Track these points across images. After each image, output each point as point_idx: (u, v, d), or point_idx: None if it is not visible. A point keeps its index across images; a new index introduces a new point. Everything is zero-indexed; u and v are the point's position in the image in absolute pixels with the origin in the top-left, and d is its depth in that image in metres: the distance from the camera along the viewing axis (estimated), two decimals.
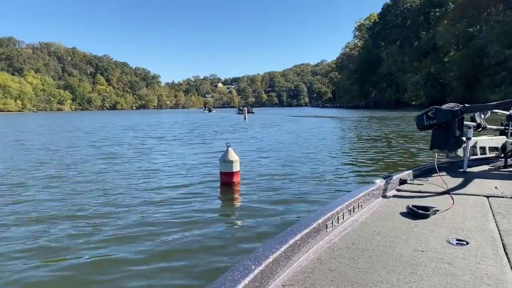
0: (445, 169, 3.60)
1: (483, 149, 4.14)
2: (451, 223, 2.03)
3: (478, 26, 56.87)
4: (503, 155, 4.03)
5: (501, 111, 4.21)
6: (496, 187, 2.87)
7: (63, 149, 13.59)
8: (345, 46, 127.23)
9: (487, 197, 2.60)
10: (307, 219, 1.80)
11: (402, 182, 3.04)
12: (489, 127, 4.01)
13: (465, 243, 1.73)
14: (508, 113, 4.36)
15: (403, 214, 2.21)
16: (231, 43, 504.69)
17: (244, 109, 49.99)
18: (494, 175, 3.43)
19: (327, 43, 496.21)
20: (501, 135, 4.43)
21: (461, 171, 3.49)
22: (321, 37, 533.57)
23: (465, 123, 3.47)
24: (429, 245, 1.71)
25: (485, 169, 3.76)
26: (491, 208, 2.33)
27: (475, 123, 3.72)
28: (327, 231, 1.85)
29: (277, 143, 14.71)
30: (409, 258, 1.55)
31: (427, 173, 3.40)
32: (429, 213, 2.14)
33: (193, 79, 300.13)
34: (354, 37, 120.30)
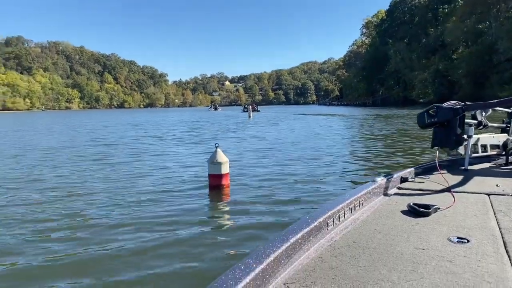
0: (446, 167, 3.56)
1: (484, 147, 4.11)
2: (452, 221, 2.02)
3: (487, 22, 56.21)
4: (504, 153, 4.01)
5: (502, 108, 4.08)
6: (497, 185, 2.84)
7: (56, 148, 13.48)
8: (353, 43, 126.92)
9: (488, 195, 2.58)
10: (308, 217, 1.79)
11: (403, 180, 3.02)
12: (490, 125, 3.97)
13: (466, 241, 1.72)
14: (509, 110, 4.28)
15: (404, 212, 2.20)
16: (238, 42, 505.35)
17: (249, 107, 49.59)
18: (495, 173, 3.40)
19: (335, 40, 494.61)
20: (502, 132, 4.39)
21: (462, 169, 3.46)
22: (328, 34, 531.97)
23: (466, 121, 3.44)
24: (430, 243, 1.70)
25: (486, 167, 3.73)
26: (492, 206, 2.32)
27: (476, 121, 3.67)
28: (328, 230, 1.85)
29: (278, 142, 14.45)
30: (410, 256, 1.55)
31: (428, 171, 3.38)
32: (430, 211, 2.13)
33: (200, 78, 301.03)
34: (361, 35, 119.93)
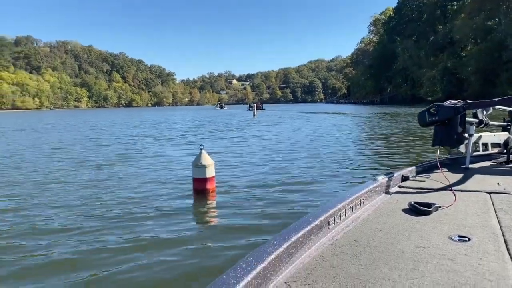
0: (447, 165, 3.56)
1: (485, 145, 4.12)
2: (453, 220, 2.01)
3: (496, 19, 55.34)
4: (505, 151, 4.01)
5: (503, 107, 4.05)
6: (498, 183, 2.83)
7: (47, 148, 13.33)
8: (360, 41, 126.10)
9: (489, 193, 2.57)
10: (309, 216, 1.79)
11: (404, 178, 3.00)
12: (491, 123, 3.96)
13: (467, 239, 1.72)
14: (510, 109, 4.26)
15: (405, 210, 2.20)
16: (245, 40, 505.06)
17: (253, 105, 49.28)
18: (496, 171, 3.38)
19: (342, 38, 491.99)
20: (503, 131, 4.39)
21: (463, 167, 3.47)
22: (336, 32, 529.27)
23: (467, 119, 3.44)
24: (431, 241, 1.71)
25: (487, 165, 3.72)
26: (493, 204, 2.31)
27: (477, 120, 3.68)
28: (329, 228, 1.85)
29: (277, 142, 14.14)
30: (411, 254, 1.56)
31: (429, 170, 3.36)
32: (431, 209, 2.12)
33: (207, 76, 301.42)
34: (369, 32, 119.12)
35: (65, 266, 3.47)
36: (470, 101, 3.34)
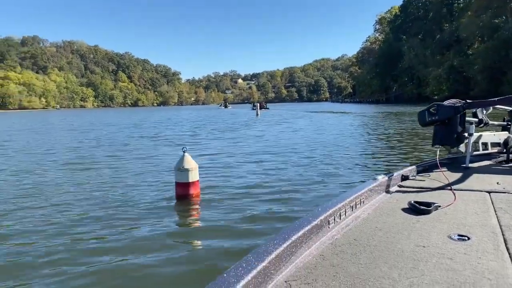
0: (447, 165, 3.59)
1: (485, 145, 4.14)
2: (453, 219, 2.03)
3: (503, 17, 54.75)
4: (505, 151, 4.03)
5: (503, 106, 4.05)
6: (498, 183, 2.84)
7: (34, 149, 13.15)
8: (366, 40, 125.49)
9: (489, 192, 2.58)
10: (310, 215, 1.80)
11: (404, 178, 3.01)
12: (491, 122, 3.98)
13: (467, 238, 1.74)
14: (510, 108, 4.27)
15: (405, 210, 2.21)
16: (251, 39, 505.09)
17: (257, 105, 49.00)
18: (496, 171, 3.40)
19: (348, 37, 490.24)
20: (503, 130, 4.41)
21: (463, 166, 3.48)
22: (342, 31, 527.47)
23: (467, 119, 3.46)
24: (431, 240, 1.72)
25: (487, 164, 3.74)
26: (492, 203, 2.32)
27: (477, 119, 3.70)
28: (329, 227, 1.86)
29: (277, 142, 13.85)
30: (410, 253, 1.57)
31: (429, 169, 3.38)
32: (430, 208, 2.13)
33: (213, 76, 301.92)
34: (374, 31, 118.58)
35: (30, 273, 3.25)
36: (469, 101, 3.34)
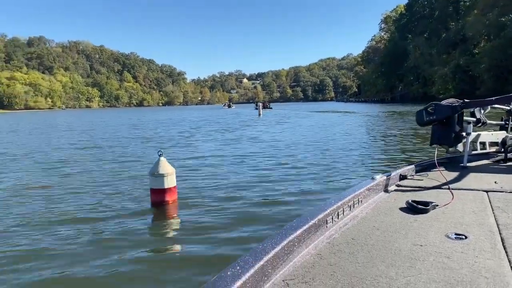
0: (445, 164, 3.60)
1: (483, 144, 4.16)
2: (450, 218, 2.04)
3: (510, 15, 54.04)
4: (503, 150, 4.03)
5: (501, 106, 4.07)
6: (495, 182, 2.85)
7: (19, 150, 12.94)
8: (371, 39, 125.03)
9: (487, 191, 2.59)
10: (308, 214, 1.80)
11: (402, 177, 3.01)
12: (489, 122, 3.97)
13: (464, 237, 1.75)
14: (508, 108, 4.25)
15: (403, 209, 2.22)
16: (256, 39, 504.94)
17: (259, 104, 48.82)
18: (493, 170, 3.42)
19: (353, 36, 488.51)
20: (501, 130, 4.42)
21: (461, 166, 3.49)
22: (347, 30, 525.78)
23: (465, 118, 3.47)
24: (428, 239, 1.73)
25: (485, 164, 3.76)
26: (490, 202, 2.33)
27: (475, 119, 3.70)
28: (327, 227, 1.87)
29: (275, 143, 13.56)
30: (408, 252, 1.58)
31: (427, 169, 3.38)
32: (428, 208, 2.14)
33: (218, 75, 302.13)
34: (380, 30, 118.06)
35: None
36: (467, 100, 3.33)
